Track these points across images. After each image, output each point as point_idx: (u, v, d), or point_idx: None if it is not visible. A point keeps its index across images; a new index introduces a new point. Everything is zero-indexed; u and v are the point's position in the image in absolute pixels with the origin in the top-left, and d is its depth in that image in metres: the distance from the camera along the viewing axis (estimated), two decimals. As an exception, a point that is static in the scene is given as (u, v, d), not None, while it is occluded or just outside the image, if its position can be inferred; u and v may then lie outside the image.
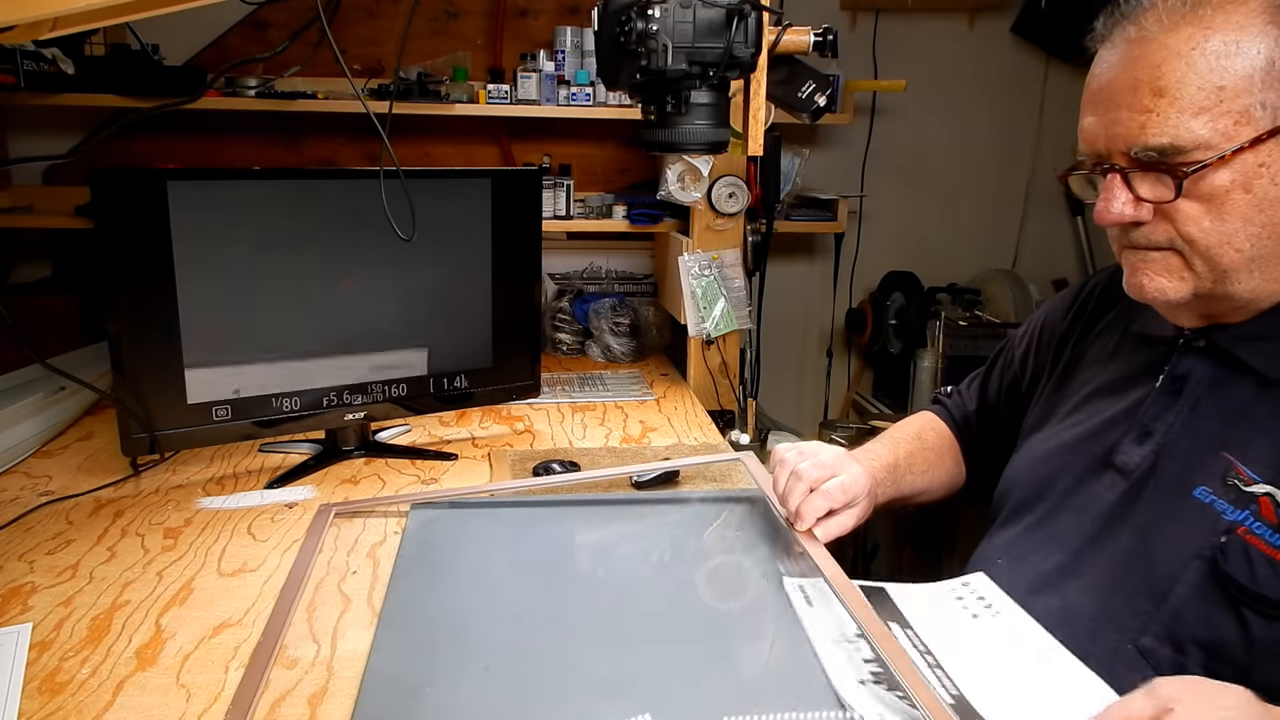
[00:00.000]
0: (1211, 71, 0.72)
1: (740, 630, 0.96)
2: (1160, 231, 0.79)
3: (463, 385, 1.52)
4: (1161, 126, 0.74)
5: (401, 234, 1.17)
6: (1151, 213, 0.78)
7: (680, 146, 0.99)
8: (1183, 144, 0.74)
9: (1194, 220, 0.76)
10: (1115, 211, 0.79)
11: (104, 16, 0.91)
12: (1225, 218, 0.75)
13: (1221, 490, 0.78)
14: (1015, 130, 2.74)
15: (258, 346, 1.32)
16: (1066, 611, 0.87)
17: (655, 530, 1.19)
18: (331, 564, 1.09)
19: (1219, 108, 0.73)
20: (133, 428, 1.24)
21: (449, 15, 2.29)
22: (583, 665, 0.87)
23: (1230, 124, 0.73)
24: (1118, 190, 0.79)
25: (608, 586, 1.04)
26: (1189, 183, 0.74)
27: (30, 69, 1.80)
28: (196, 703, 0.82)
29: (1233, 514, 0.76)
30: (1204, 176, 0.74)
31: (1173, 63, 0.74)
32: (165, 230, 1.21)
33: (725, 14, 0.90)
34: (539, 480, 1.34)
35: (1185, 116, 0.73)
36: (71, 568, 1.08)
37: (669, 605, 0.99)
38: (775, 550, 1.08)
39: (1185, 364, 0.86)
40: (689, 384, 2.00)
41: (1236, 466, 0.77)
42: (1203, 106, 0.73)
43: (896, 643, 0.82)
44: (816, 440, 1.08)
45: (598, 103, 2.11)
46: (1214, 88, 0.72)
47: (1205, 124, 0.73)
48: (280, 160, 2.28)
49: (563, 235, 2.34)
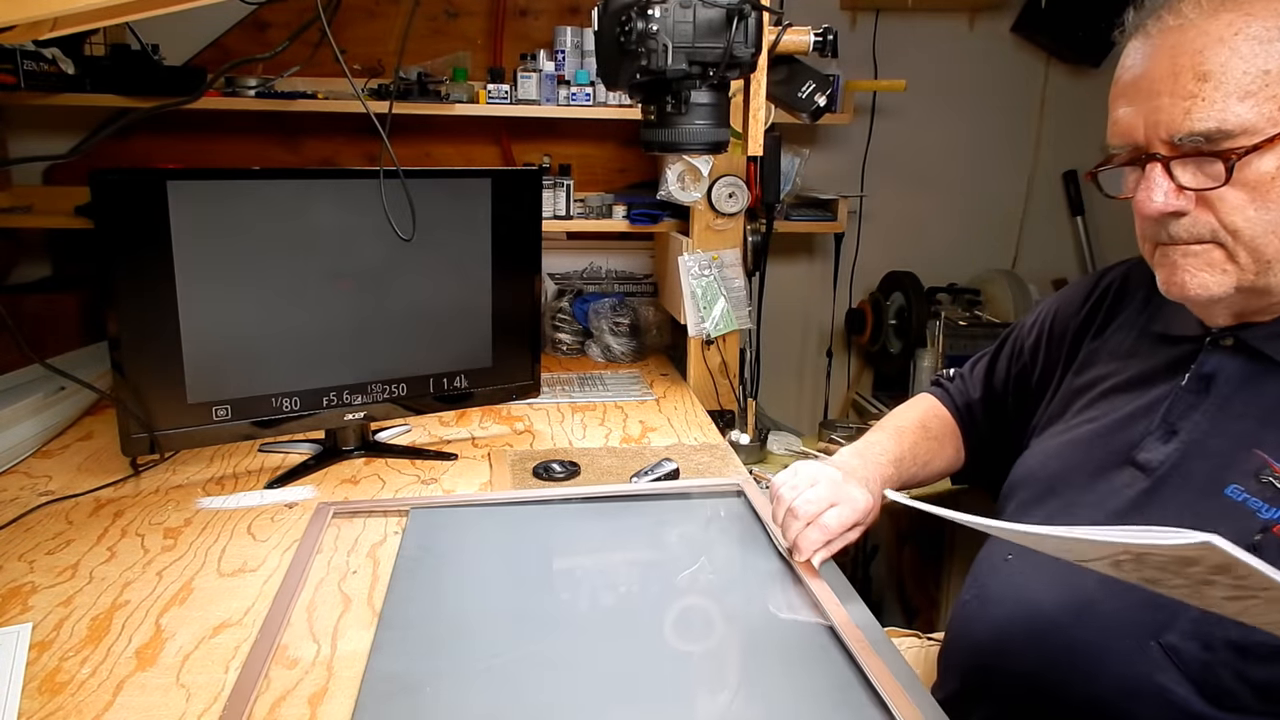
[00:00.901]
0: (1256, 56, 0.72)
1: (741, 628, 0.96)
2: (1203, 223, 0.77)
3: (463, 385, 1.52)
4: (1208, 111, 0.73)
5: (401, 234, 1.18)
6: (1193, 202, 0.77)
7: (680, 146, 0.99)
8: (1229, 128, 0.73)
9: (1238, 209, 0.75)
10: (1159, 202, 0.77)
11: (104, 16, 0.92)
12: (1271, 205, 0.74)
13: (1256, 488, 0.77)
14: (1015, 130, 2.73)
15: (258, 346, 1.32)
16: (1084, 607, 0.85)
17: (655, 529, 1.19)
18: (331, 564, 1.09)
19: (1265, 91, 0.72)
20: (133, 428, 1.24)
21: (449, 15, 2.29)
22: (582, 665, 0.87)
23: (1276, 108, 0.72)
24: (1159, 179, 0.77)
25: (607, 586, 1.04)
26: (1236, 168, 0.73)
27: (30, 69, 1.80)
28: (196, 703, 0.82)
29: (1268, 512, 0.75)
30: (1249, 162, 0.73)
31: (1215, 48, 0.73)
32: (165, 230, 1.21)
33: (725, 14, 0.90)
34: (537, 492, 1.34)
35: (1232, 100, 0.72)
36: (71, 568, 1.08)
37: (669, 605, 0.99)
38: (773, 544, 1.09)
39: (1212, 362, 0.85)
40: (689, 384, 2.00)
41: (1271, 464, 0.76)
42: (1248, 90, 0.72)
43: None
44: (814, 462, 1.06)
45: (598, 103, 2.11)
46: (1260, 71, 0.72)
47: (1251, 108, 0.72)
48: (280, 160, 2.28)
49: (563, 235, 2.34)
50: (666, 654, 0.90)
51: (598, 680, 0.85)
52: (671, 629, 0.94)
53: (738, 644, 0.95)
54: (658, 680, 0.86)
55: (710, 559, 1.10)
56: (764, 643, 0.93)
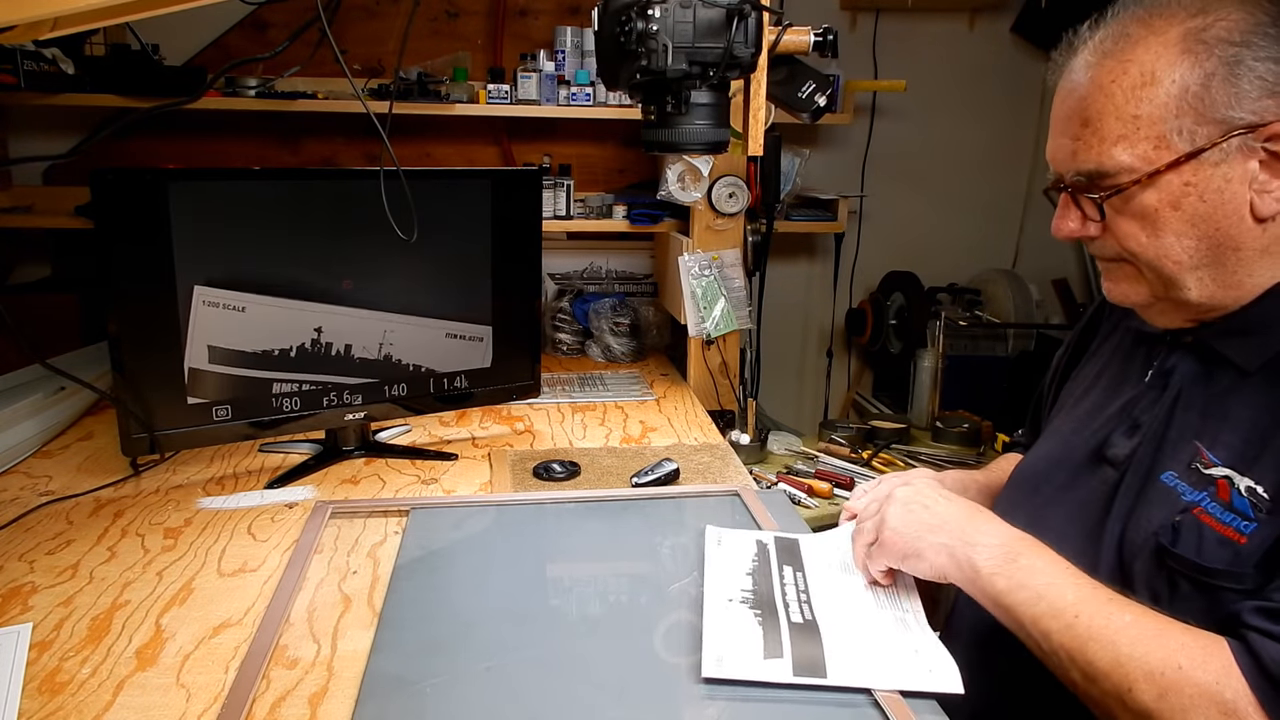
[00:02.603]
0: (1128, 102, 0.79)
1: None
2: (1109, 246, 0.85)
3: (463, 385, 1.52)
4: (1087, 154, 0.82)
5: (402, 234, 1.17)
6: (1100, 229, 0.85)
7: (680, 146, 0.99)
8: (1106, 169, 0.81)
9: (1132, 236, 0.82)
10: (1066, 228, 0.87)
11: (104, 16, 0.92)
12: (1160, 233, 0.81)
13: (1185, 474, 0.82)
14: (1015, 130, 2.74)
15: (258, 346, 1.32)
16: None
17: (654, 530, 1.19)
18: (331, 564, 1.09)
19: (1136, 134, 0.79)
20: (133, 428, 1.24)
21: (449, 15, 2.29)
22: (582, 665, 0.87)
23: (1150, 149, 0.79)
24: (1068, 208, 0.87)
25: (607, 586, 1.04)
26: (1120, 201, 0.81)
27: (30, 69, 1.80)
28: (196, 703, 0.82)
29: (1191, 495, 0.80)
30: (1132, 197, 0.80)
31: (1095, 96, 0.81)
32: (165, 230, 1.21)
33: (725, 14, 0.90)
34: (537, 494, 1.34)
35: (1107, 145, 0.80)
36: (71, 568, 1.08)
37: (669, 605, 0.99)
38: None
39: (1173, 359, 0.90)
40: (689, 384, 2.00)
41: (1201, 452, 0.82)
42: (1121, 135, 0.79)
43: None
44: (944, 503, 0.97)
45: (598, 103, 2.11)
46: (1130, 116, 0.79)
47: (1125, 150, 0.79)
48: (280, 160, 2.28)
49: (563, 235, 2.34)
50: (664, 655, 0.90)
51: (597, 681, 0.85)
52: (669, 630, 0.94)
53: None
54: (656, 681, 0.86)
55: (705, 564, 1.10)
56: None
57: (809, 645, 0.87)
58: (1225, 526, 0.77)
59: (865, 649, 0.87)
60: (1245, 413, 0.81)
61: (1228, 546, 0.76)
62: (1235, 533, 0.76)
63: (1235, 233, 0.79)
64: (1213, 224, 0.79)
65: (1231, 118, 0.76)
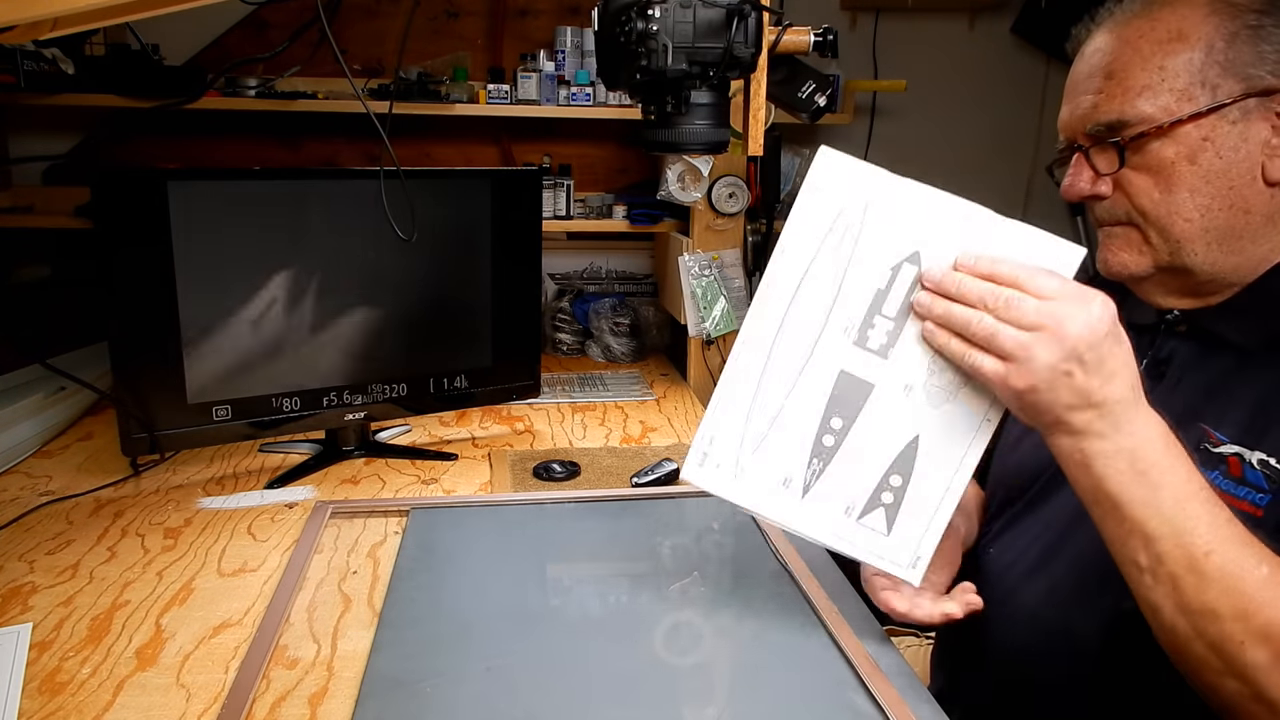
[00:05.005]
0: (1154, 55, 0.81)
1: (741, 627, 0.96)
2: (1119, 205, 0.86)
3: (463, 385, 1.52)
4: (1109, 105, 0.83)
5: (402, 234, 1.17)
6: (1111, 187, 0.85)
7: (680, 146, 0.99)
8: (1128, 118, 0.82)
9: (1145, 192, 0.83)
10: (1077, 186, 0.87)
11: (104, 16, 0.92)
12: (1173, 189, 0.81)
13: (1193, 456, 0.81)
14: (1015, 130, 2.73)
15: (258, 346, 1.32)
16: (1053, 589, 0.89)
17: (654, 530, 1.19)
18: (331, 564, 1.09)
19: (1160, 85, 0.80)
20: (133, 428, 1.24)
21: (449, 15, 2.29)
22: (582, 666, 0.87)
23: (1172, 100, 0.80)
24: (1080, 167, 0.87)
25: (607, 586, 1.04)
26: (1134, 153, 0.82)
27: (30, 69, 1.80)
28: (196, 703, 0.82)
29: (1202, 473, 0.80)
30: (1147, 147, 0.81)
31: (1122, 50, 0.83)
32: (165, 230, 1.21)
33: (725, 14, 0.90)
34: (536, 495, 1.34)
35: (1131, 95, 0.81)
36: (71, 568, 1.08)
37: (669, 605, 0.99)
38: (769, 546, 1.08)
39: (1168, 347, 0.89)
40: (689, 384, 2.00)
41: (1209, 433, 0.82)
42: (1145, 85, 0.81)
43: None
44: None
45: (598, 103, 2.11)
46: (1156, 67, 0.81)
47: (1148, 100, 0.81)
48: (280, 160, 2.28)
49: (563, 235, 2.34)
50: (665, 655, 0.90)
51: (597, 681, 0.85)
52: (669, 630, 0.94)
53: (736, 645, 0.95)
54: (657, 681, 0.86)
55: (707, 562, 1.10)
56: (762, 643, 0.93)
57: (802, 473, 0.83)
58: (1240, 500, 0.77)
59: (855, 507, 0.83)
60: (1250, 390, 0.81)
61: (1244, 521, 0.75)
62: (1251, 506, 0.77)
63: (1248, 193, 0.80)
64: (1226, 182, 0.80)
65: (1253, 75, 0.78)
